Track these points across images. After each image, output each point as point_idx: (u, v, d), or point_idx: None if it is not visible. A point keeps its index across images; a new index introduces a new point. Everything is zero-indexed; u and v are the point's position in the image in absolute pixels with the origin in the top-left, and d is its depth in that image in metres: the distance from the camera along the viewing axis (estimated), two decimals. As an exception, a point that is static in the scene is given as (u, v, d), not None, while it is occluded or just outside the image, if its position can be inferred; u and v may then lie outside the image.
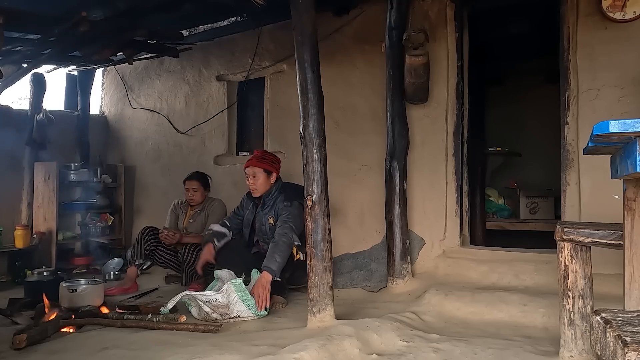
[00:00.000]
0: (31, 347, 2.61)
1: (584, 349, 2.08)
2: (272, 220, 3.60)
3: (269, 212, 3.63)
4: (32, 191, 5.14)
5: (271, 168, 3.64)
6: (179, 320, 2.97)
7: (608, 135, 1.37)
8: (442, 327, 2.82)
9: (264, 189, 3.63)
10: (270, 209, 3.63)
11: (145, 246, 4.20)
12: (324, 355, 2.22)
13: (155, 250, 4.23)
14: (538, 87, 5.94)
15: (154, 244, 4.22)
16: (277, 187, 3.67)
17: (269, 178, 3.63)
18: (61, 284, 3.41)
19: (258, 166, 3.61)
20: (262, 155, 3.72)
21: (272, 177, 3.65)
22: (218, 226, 3.80)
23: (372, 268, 4.08)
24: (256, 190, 3.64)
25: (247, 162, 3.68)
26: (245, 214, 3.81)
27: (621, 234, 1.75)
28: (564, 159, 3.46)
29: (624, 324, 1.05)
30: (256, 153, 3.77)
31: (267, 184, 3.63)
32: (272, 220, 3.60)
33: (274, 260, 3.18)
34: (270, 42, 4.95)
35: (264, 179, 3.61)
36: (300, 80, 2.89)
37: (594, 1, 3.33)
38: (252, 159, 3.68)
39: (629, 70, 3.24)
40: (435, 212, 3.93)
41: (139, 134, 5.93)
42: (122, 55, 4.55)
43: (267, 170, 3.62)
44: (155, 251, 4.23)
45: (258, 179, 3.60)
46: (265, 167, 3.61)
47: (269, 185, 3.64)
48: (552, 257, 2.66)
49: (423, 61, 3.62)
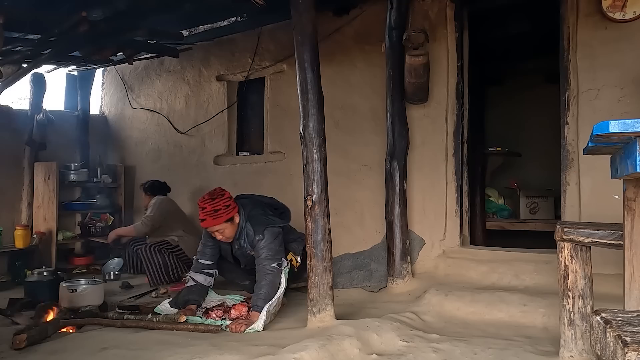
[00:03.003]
0: (31, 347, 2.61)
1: (584, 349, 2.08)
2: (251, 252, 3.39)
3: (246, 246, 3.40)
4: (32, 191, 5.15)
5: (230, 213, 3.29)
6: (179, 320, 2.97)
7: (608, 135, 1.37)
8: (442, 327, 2.83)
9: (234, 232, 3.35)
10: (245, 242, 3.39)
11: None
12: (324, 355, 2.22)
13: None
14: (538, 87, 5.94)
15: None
16: (242, 219, 3.37)
17: (233, 223, 3.33)
18: (61, 284, 3.42)
19: (219, 223, 3.25)
20: (212, 209, 3.24)
21: (236, 219, 3.34)
22: (202, 277, 3.42)
23: (372, 268, 4.08)
24: (229, 239, 3.38)
25: (202, 223, 3.29)
26: (221, 245, 3.50)
27: (621, 234, 1.75)
28: (564, 159, 3.46)
29: (624, 324, 1.05)
30: (205, 208, 3.26)
31: (234, 227, 3.34)
32: (252, 252, 3.39)
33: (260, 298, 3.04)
34: (270, 42, 4.95)
35: (230, 227, 3.31)
36: (300, 80, 2.89)
37: (594, 1, 3.33)
38: (206, 217, 3.24)
39: (629, 70, 3.24)
40: (435, 212, 3.93)
41: (139, 134, 5.93)
42: (122, 55, 4.55)
43: (229, 220, 3.29)
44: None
45: (224, 231, 3.31)
46: (225, 219, 3.26)
47: (236, 227, 3.35)
48: (552, 257, 2.66)
49: (423, 61, 3.62)
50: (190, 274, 3.46)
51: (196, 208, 5.23)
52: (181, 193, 5.43)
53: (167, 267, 4.24)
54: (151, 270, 4.20)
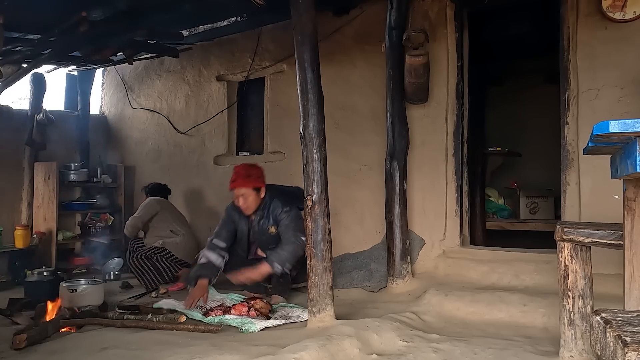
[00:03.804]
0: (31, 347, 2.61)
1: (584, 349, 2.08)
2: (273, 229, 3.48)
3: (267, 222, 3.49)
4: (32, 191, 5.15)
5: (259, 184, 3.46)
6: (179, 320, 2.97)
7: (608, 135, 1.37)
8: (442, 327, 2.83)
9: (255, 206, 3.47)
10: (268, 219, 3.48)
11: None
12: (324, 355, 2.22)
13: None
14: (538, 87, 5.94)
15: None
16: (269, 196, 3.50)
17: (258, 194, 3.46)
18: (61, 284, 3.41)
19: (246, 186, 3.41)
20: (246, 172, 3.45)
21: (262, 192, 3.47)
22: (215, 256, 3.46)
23: (372, 268, 4.08)
24: (247, 209, 3.47)
25: (232, 184, 3.45)
26: (239, 226, 3.61)
27: (621, 234, 1.75)
28: (564, 159, 3.46)
29: (624, 324, 1.05)
30: (239, 171, 3.47)
31: (258, 200, 3.47)
32: (274, 228, 3.48)
33: (276, 256, 3.19)
34: (270, 42, 4.94)
35: (254, 197, 3.43)
36: (300, 80, 2.89)
37: (594, 1, 3.33)
38: (237, 179, 3.43)
39: (629, 70, 3.24)
40: (435, 212, 3.93)
41: (139, 134, 5.93)
42: (122, 55, 4.55)
43: (256, 188, 3.44)
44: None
45: (248, 198, 3.42)
46: (253, 186, 3.42)
47: (259, 201, 3.47)
48: (552, 257, 2.66)
49: (423, 61, 3.62)
50: (204, 252, 3.52)
51: (196, 208, 5.31)
52: (181, 193, 5.43)
53: (158, 270, 4.22)
54: (145, 277, 4.19)
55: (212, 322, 3.00)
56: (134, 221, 4.52)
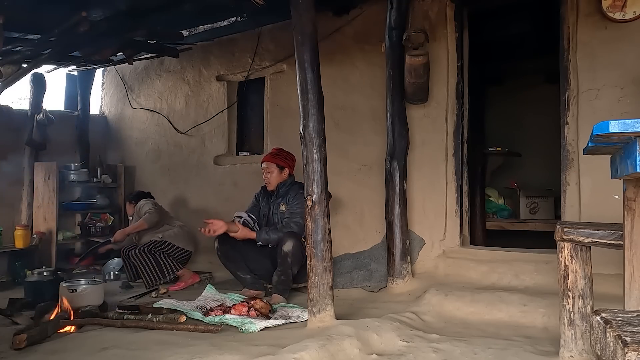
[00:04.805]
0: (31, 347, 2.60)
1: (584, 349, 2.08)
2: (283, 206, 3.84)
3: (282, 200, 3.86)
4: (32, 191, 5.15)
5: (283, 163, 3.90)
6: (179, 320, 2.97)
7: (608, 135, 1.37)
8: (442, 327, 2.82)
9: (277, 182, 3.89)
10: (283, 198, 3.86)
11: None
12: (324, 355, 2.22)
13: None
14: (538, 87, 5.94)
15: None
16: (291, 180, 3.92)
17: (281, 173, 3.89)
18: (61, 284, 3.41)
19: (271, 161, 3.90)
20: (276, 152, 3.99)
21: (285, 172, 3.91)
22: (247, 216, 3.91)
23: (372, 268, 4.08)
24: (269, 184, 3.92)
25: (263, 157, 4.01)
26: (261, 208, 4.00)
27: (621, 234, 1.75)
28: (564, 159, 3.46)
29: (624, 324, 1.05)
30: (272, 150, 4.07)
31: (280, 178, 3.89)
32: (284, 206, 3.83)
33: (267, 234, 3.64)
34: (270, 42, 4.95)
35: (277, 173, 3.88)
36: (300, 80, 2.88)
37: (594, 1, 3.33)
38: (268, 155, 4.01)
39: (629, 70, 3.24)
40: (435, 212, 3.93)
41: (139, 134, 5.93)
42: (122, 55, 4.55)
43: (280, 166, 3.88)
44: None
45: (271, 172, 3.89)
46: (277, 162, 3.89)
47: (281, 179, 3.89)
48: (552, 257, 2.66)
49: (423, 61, 3.62)
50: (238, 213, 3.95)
51: (197, 206, 5.31)
52: (181, 193, 5.43)
53: (160, 266, 4.20)
54: (146, 272, 4.16)
55: (212, 322, 2.99)
56: (151, 216, 4.44)
